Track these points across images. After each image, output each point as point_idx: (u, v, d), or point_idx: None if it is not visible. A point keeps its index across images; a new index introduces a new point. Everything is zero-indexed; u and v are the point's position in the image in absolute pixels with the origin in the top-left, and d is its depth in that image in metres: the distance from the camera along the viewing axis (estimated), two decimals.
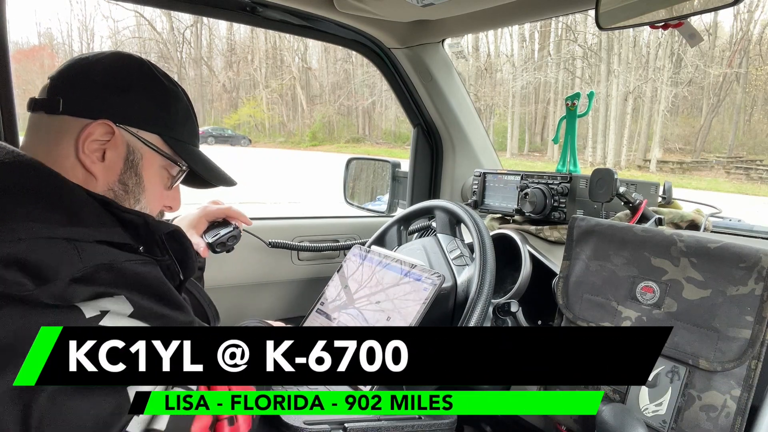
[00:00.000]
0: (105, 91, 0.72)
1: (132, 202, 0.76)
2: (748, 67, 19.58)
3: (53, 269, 0.57)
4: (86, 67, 0.73)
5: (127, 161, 0.73)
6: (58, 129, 0.70)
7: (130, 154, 0.74)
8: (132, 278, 0.64)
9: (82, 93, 0.71)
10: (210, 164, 0.83)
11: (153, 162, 0.76)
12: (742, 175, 17.01)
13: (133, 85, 0.73)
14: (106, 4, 30.22)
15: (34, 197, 0.63)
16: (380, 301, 1.06)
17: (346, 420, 0.85)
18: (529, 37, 23.90)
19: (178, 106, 0.78)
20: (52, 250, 0.59)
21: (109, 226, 0.67)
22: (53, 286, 0.57)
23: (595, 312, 0.91)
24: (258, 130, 29.97)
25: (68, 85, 0.72)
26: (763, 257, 0.75)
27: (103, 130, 0.70)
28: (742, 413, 0.74)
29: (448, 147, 1.77)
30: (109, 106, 0.71)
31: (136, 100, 0.73)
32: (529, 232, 1.27)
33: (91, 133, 0.70)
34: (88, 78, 0.72)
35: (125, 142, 0.73)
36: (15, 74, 1.15)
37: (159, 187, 0.79)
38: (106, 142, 0.71)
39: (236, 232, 1.14)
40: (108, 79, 0.72)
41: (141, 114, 0.74)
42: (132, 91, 0.73)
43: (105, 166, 0.72)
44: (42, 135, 0.71)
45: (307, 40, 23.30)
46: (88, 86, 0.71)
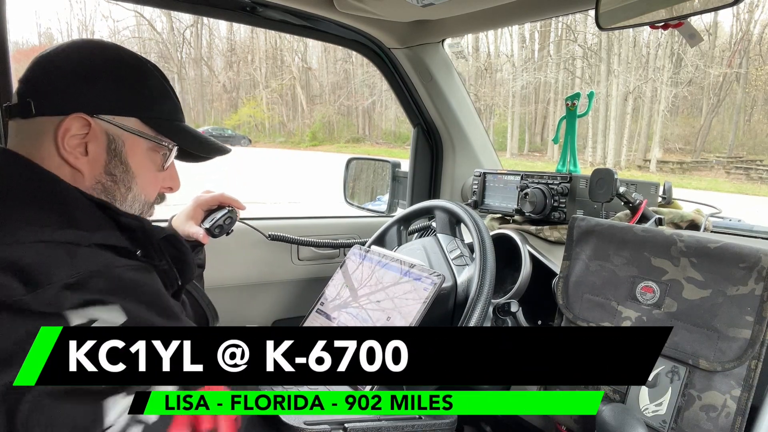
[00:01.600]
0: (72, 84, 0.70)
1: (123, 191, 0.74)
2: (748, 67, 19.58)
3: (45, 274, 0.57)
4: (49, 62, 0.71)
5: (110, 150, 0.72)
6: (35, 131, 0.69)
7: (111, 142, 0.72)
8: (127, 285, 0.63)
9: (50, 90, 0.69)
10: (199, 137, 0.81)
11: (137, 146, 0.74)
12: (742, 175, 17.01)
13: (99, 72, 0.71)
14: (106, 4, 30.24)
15: (30, 199, 0.63)
16: (380, 300, 1.06)
17: (346, 420, 0.85)
18: (529, 37, 23.92)
19: (151, 84, 0.76)
20: (45, 254, 0.58)
21: (106, 229, 0.66)
22: (45, 291, 0.56)
23: (595, 312, 0.91)
24: (258, 130, 29.98)
25: (35, 85, 0.70)
26: (763, 257, 0.75)
27: (79, 123, 0.69)
28: (742, 413, 0.74)
29: (448, 147, 1.77)
30: (79, 98, 0.69)
31: (105, 87, 0.71)
32: (529, 232, 1.27)
33: (68, 128, 0.68)
34: (52, 74, 0.70)
35: (104, 131, 0.71)
36: (15, 74, 1.15)
37: (150, 172, 0.78)
38: (85, 135, 0.70)
39: (232, 213, 1.13)
40: (72, 69, 0.70)
41: (113, 100, 0.71)
42: (99, 79, 0.71)
43: (89, 159, 0.71)
44: (22, 140, 0.70)
45: (307, 40, 23.29)
46: (54, 82, 0.70)
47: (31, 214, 0.61)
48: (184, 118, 0.82)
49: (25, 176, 0.66)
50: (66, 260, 0.59)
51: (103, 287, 0.60)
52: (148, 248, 0.71)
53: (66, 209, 0.64)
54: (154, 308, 0.65)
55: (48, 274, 0.57)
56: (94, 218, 0.66)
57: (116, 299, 0.61)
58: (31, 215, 0.61)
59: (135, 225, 0.70)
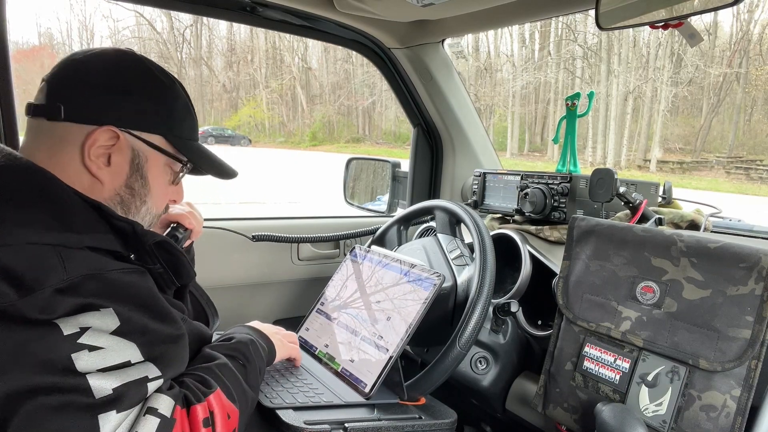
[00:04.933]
0: (106, 95, 0.71)
1: (138, 203, 0.75)
2: (748, 67, 19.57)
3: (37, 279, 0.56)
4: (82, 68, 0.71)
5: (133, 165, 0.73)
6: (60, 136, 0.69)
7: (135, 157, 0.73)
8: (120, 288, 0.63)
9: (82, 98, 0.70)
10: (213, 159, 0.83)
11: (157, 162, 0.76)
12: (742, 175, 17.00)
13: (133, 87, 0.72)
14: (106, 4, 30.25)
15: (25, 201, 0.62)
16: (380, 300, 1.06)
17: (347, 420, 0.85)
18: (529, 37, 23.91)
19: (178, 104, 0.77)
20: (36, 258, 0.58)
21: (100, 232, 0.66)
22: (36, 296, 0.56)
23: (595, 312, 0.91)
24: (258, 130, 29.97)
25: (67, 90, 0.70)
26: (763, 257, 0.75)
27: (107, 135, 0.70)
28: (742, 413, 0.74)
29: (448, 147, 1.77)
30: (111, 111, 0.70)
31: (137, 103, 0.72)
32: (529, 232, 1.27)
33: (97, 139, 0.69)
34: (85, 81, 0.70)
35: (130, 145, 0.72)
36: (15, 74, 1.15)
37: (163, 186, 0.79)
38: (110, 146, 0.70)
39: (176, 231, 0.99)
40: (107, 81, 0.71)
41: (144, 117, 0.73)
42: (133, 94, 0.72)
43: (111, 170, 0.71)
44: (44, 141, 0.70)
45: (307, 40, 23.30)
46: (87, 90, 0.70)
47: (22, 215, 0.60)
48: (198, 137, 0.83)
49: (21, 177, 0.65)
50: (57, 264, 0.58)
51: (96, 290, 0.60)
52: (140, 251, 0.71)
53: (60, 210, 0.64)
54: (148, 311, 0.64)
55: (39, 279, 0.56)
56: (88, 220, 0.66)
57: (109, 303, 0.60)
58: (22, 216, 0.60)
59: (126, 228, 0.69)
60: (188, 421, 0.64)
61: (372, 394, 0.93)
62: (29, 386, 0.54)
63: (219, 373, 0.72)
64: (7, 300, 0.54)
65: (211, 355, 0.76)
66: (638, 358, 0.83)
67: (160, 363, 0.63)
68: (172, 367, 0.66)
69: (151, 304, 0.66)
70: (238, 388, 0.73)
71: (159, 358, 0.63)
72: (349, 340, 1.05)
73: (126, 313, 0.61)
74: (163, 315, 0.66)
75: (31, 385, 0.54)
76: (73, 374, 0.56)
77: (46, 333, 0.56)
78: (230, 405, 0.69)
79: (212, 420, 0.66)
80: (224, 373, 0.73)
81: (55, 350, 0.56)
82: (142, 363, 0.61)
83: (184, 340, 0.69)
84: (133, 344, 0.61)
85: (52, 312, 0.56)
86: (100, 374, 0.57)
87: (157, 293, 0.68)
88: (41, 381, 0.54)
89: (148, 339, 0.63)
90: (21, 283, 0.55)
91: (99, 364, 0.57)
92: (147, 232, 0.71)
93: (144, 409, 0.60)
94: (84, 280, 0.59)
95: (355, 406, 0.91)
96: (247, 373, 0.78)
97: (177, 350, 0.68)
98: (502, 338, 1.10)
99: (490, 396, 1.09)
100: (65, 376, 0.55)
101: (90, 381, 0.56)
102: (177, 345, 0.68)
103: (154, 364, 0.62)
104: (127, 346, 0.60)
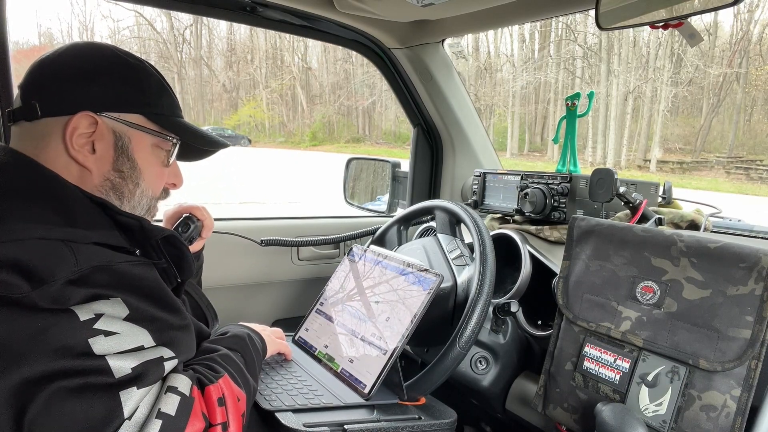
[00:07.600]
0: (76, 84, 0.71)
1: (131, 187, 0.76)
2: (748, 67, 19.57)
3: (48, 270, 0.57)
4: (50, 64, 0.72)
5: (117, 147, 0.73)
6: (42, 132, 0.70)
7: (118, 139, 0.73)
8: (128, 279, 0.64)
9: (55, 91, 0.71)
10: (198, 132, 0.83)
11: (143, 142, 0.76)
12: (742, 175, 17.00)
13: (101, 71, 0.73)
14: (106, 4, 30.23)
15: (31, 198, 0.64)
16: (379, 301, 1.06)
17: (346, 422, 0.85)
18: (529, 37, 23.90)
19: (151, 81, 0.77)
20: (47, 251, 0.59)
21: (105, 228, 0.67)
22: (48, 287, 0.57)
23: (595, 312, 0.91)
24: (258, 130, 29.97)
25: (39, 88, 0.71)
26: (763, 257, 0.75)
27: (86, 122, 0.70)
28: (742, 413, 0.74)
29: (448, 147, 1.77)
30: (84, 97, 0.71)
31: (108, 85, 0.73)
32: (529, 232, 1.27)
33: (76, 127, 0.70)
34: (55, 75, 0.71)
35: (110, 129, 0.72)
36: (15, 74, 1.15)
37: (156, 167, 0.79)
38: (92, 133, 0.71)
39: (190, 221, 1.05)
40: (75, 71, 0.72)
41: (117, 97, 0.73)
42: (102, 77, 0.73)
43: (96, 157, 0.72)
44: (28, 141, 0.71)
45: (307, 40, 23.29)
46: (57, 83, 0.71)
47: (30, 212, 0.62)
48: (182, 114, 0.83)
49: (25, 174, 0.66)
50: (68, 256, 0.60)
51: (106, 281, 0.62)
52: (146, 247, 0.72)
53: (65, 207, 0.65)
54: (156, 302, 0.66)
55: (51, 271, 0.57)
56: (93, 217, 0.67)
57: (118, 293, 0.62)
58: (30, 213, 0.61)
59: (134, 224, 0.70)
60: (203, 400, 0.66)
61: (371, 394, 0.93)
62: (48, 371, 0.55)
63: (222, 362, 0.75)
64: (20, 291, 0.55)
65: (212, 348, 0.79)
66: (638, 358, 0.83)
67: (172, 346, 0.65)
68: (183, 352, 0.68)
69: (158, 295, 0.67)
70: (242, 376, 0.76)
71: (170, 343, 0.65)
72: (349, 341, 1.05)
73: (134, 303, 0.63)
74: (170, 305, 0.68)
75: (50, 370, 0.55)
76: (92, 357, 0.57)
77: (63, 319, 0.57)
78: (238, 389, 0.72)
79: (224, 401, 0.68)
80: (227, 362, 0.76)
81: (72, 336, 0.57)
82: (155, 347, 0.63)
83: (190, 330, 0.72)
84: (145, 330, 0.63)
85: (65, 302, 0.58)
86: (117, 356, 0.59)
87: (163, 285, 0.70)
88: (60, 366, 0.55)
89: (158, 326, 0.65)
90: (33, 275, 0.57)
91: (115, 348, 0.59)
92: (155, 227, 0.72)
93: (164, 387, 0.63)
94: (93, 271, 0.61)
95: (354, 407, 0.91)
96: (247, 363, 0.81)
97: (185, 337, 0.70)
98: (502, 338, 1.10)
99: (490, 396, 1.09)
100: (85, 360, 0.57)
101: (110, 362, 0.58)
102: (185, 332, 0.70)
103: (166, 347, 0.64)
104: (140, 332, 0.62)
